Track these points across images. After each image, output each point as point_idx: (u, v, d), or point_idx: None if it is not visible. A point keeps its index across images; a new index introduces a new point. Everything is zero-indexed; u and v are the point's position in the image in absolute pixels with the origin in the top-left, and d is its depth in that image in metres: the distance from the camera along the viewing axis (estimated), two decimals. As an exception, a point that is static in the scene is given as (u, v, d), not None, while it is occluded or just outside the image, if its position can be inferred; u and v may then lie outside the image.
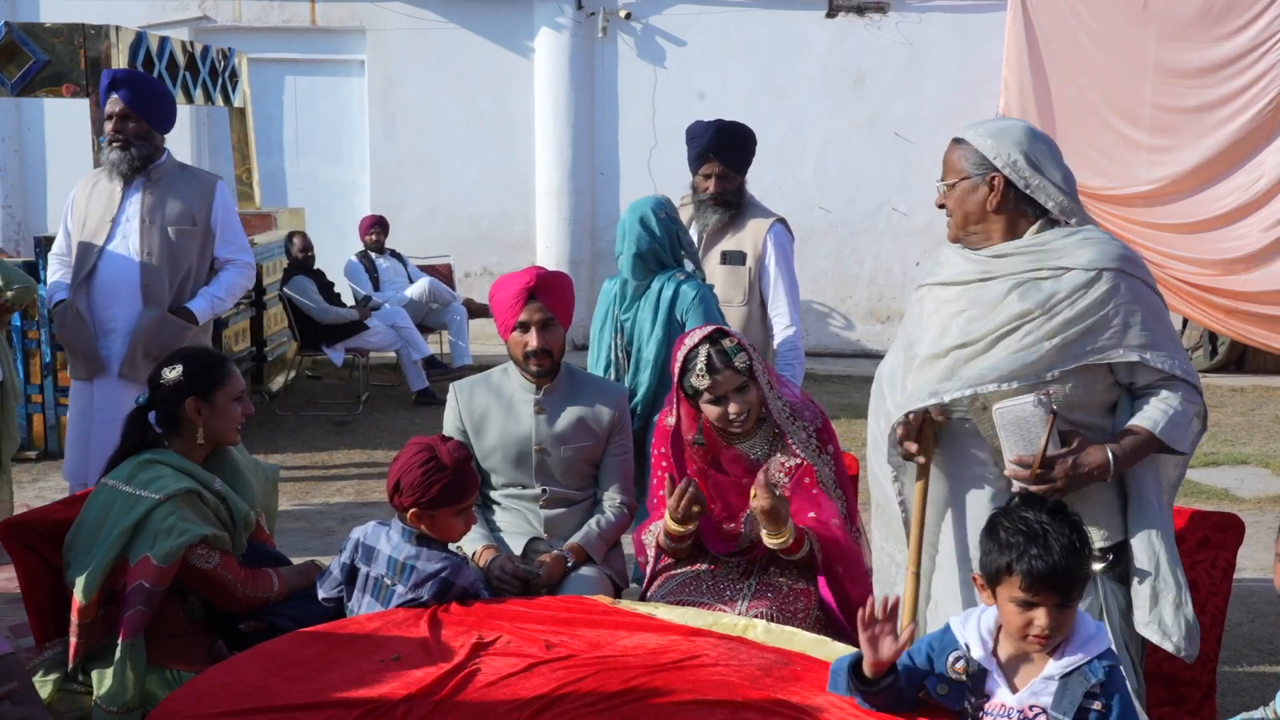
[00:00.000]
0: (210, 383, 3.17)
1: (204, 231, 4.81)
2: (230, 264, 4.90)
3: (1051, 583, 2.23)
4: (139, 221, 4.71)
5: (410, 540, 3.01)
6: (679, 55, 10.99)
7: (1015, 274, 2.85)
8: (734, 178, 4.79)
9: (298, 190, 11.32)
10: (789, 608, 3.30)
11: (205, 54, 8.30)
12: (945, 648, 2.38)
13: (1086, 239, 2.87)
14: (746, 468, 3.46)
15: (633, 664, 2.58)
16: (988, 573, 2.33)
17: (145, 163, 4.72)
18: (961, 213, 2.95)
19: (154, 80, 4.85)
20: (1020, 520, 2.31)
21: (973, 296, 2.89)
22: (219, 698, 2.37)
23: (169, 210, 4.73)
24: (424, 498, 2.98)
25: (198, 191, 4.79)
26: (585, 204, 11.01)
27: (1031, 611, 2.25)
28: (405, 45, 10.96)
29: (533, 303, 3.66)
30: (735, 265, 4.76)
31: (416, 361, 8.86)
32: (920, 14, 10.83)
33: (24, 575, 3.10)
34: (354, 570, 3.10)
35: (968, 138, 2.95)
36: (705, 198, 4.79)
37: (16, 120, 11.06)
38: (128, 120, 4.66)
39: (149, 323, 4.65)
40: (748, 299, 4.78)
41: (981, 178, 2.91)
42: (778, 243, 4.78)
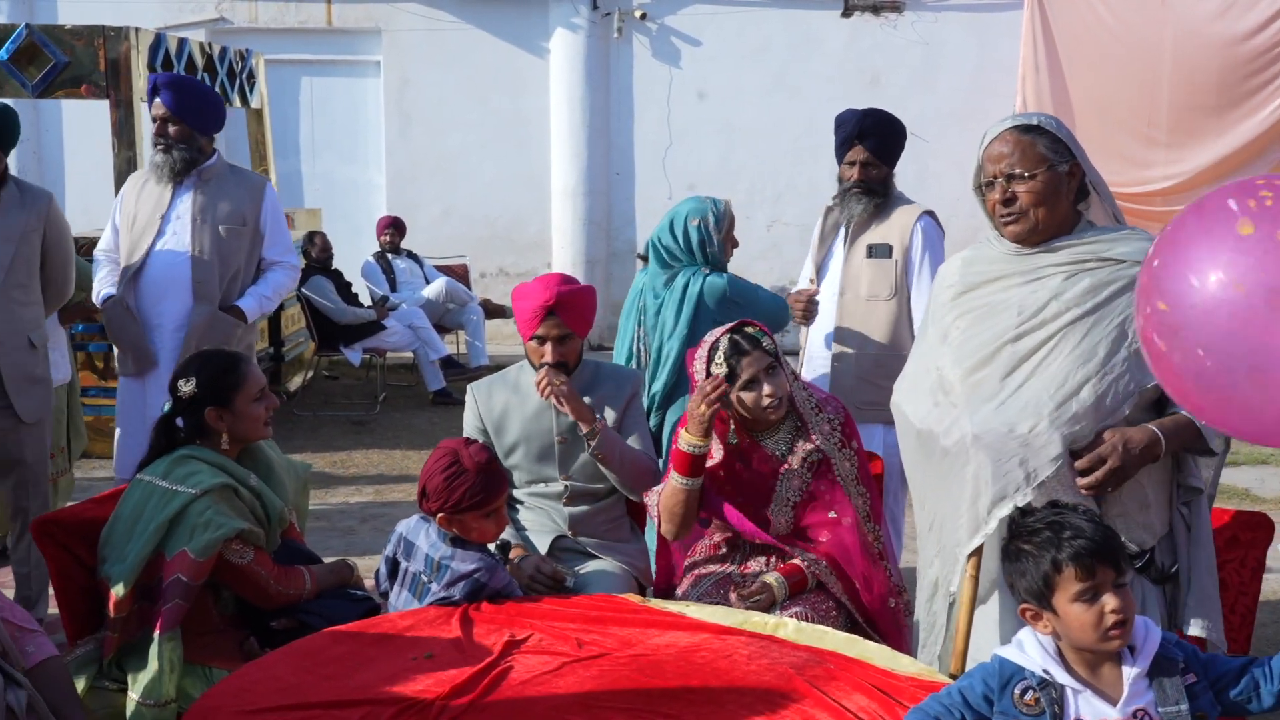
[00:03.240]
0: (226, 389, 3.19)
1: (253, 231, 4.85)
2: (277, 265, 4.93)
3: (1102, 554, 2.13)
4: (190, 220, 4.75)
5: (446, 540, 3.02)
6: (694, 55, 11.00)
7: (1066, 265, 2.80)
8: (880, 166, 4.45)
9: (314, 191, 11.35)
10: (820, 606, 3.30)
11: (223, 55, 8.33)
12: (1006, 682, 2.20)
13: (1135, 233, 2.86)
14: (771, 467, 3.46)
15: (665, 663, 2.58)
16: (1035, 590, 2.18)
17: (189, 165, 4.75)
18: (1044, 205, 2.81)
19: (198, 84, 4.88)
20: (1032, 526, 2.23)
21: (1023, 296, 2.82)
22: (255, 694, 2.39)
23: (220, 209, 4.77)
24: (449, 503, 2.99)
25: (248, 192, 4.83)
26: (601, 204, 11.02)
27: (1100, 600, 2.11)
28: (421, 46, 10.98)
29: (551, 319, 3.67)
30: (881, 258, 4.46)
31: (433, 361, 8.88)
32: (936, 13, 10.82)
33: (56, 573, 3.12)
34: (396, 564, 3.12)
35: (1041, 124, 2.84)
36: (850, 186, 4.49)
37: (35, 122, 11.10)
38: (170, 124, 4.70)
39: (201, 320, 4.70)
40: (895, 293, 4.43)
41: (1066, 165, 2.81)
42: (926, 235, 4.43)
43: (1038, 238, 2.85)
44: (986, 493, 2.75)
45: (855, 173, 4.46)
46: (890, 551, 3.58)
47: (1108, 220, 2.97)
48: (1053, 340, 2.79)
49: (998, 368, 2.83)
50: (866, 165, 4.44)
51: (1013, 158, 2.82)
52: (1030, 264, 2.87)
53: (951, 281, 3.03)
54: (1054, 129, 2.86)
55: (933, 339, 3.03)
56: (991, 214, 2.93)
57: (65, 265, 4.56)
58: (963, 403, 2.83)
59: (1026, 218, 2.83)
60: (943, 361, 2.95)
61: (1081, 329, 2.77)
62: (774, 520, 3.43)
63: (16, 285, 4.32)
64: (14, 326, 4.31)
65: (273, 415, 3.30)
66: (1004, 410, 2.76)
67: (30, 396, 4.36)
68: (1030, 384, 2.77)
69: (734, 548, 3.55)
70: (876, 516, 3.55)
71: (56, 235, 4.45)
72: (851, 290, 4.48)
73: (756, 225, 11.10)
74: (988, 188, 2.91)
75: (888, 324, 4.43)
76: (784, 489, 3.42)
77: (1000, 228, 2.92)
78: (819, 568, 3.34)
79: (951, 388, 2.88)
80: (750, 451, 3.48)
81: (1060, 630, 2.17)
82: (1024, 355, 2.81)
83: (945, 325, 2.99)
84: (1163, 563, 2.85)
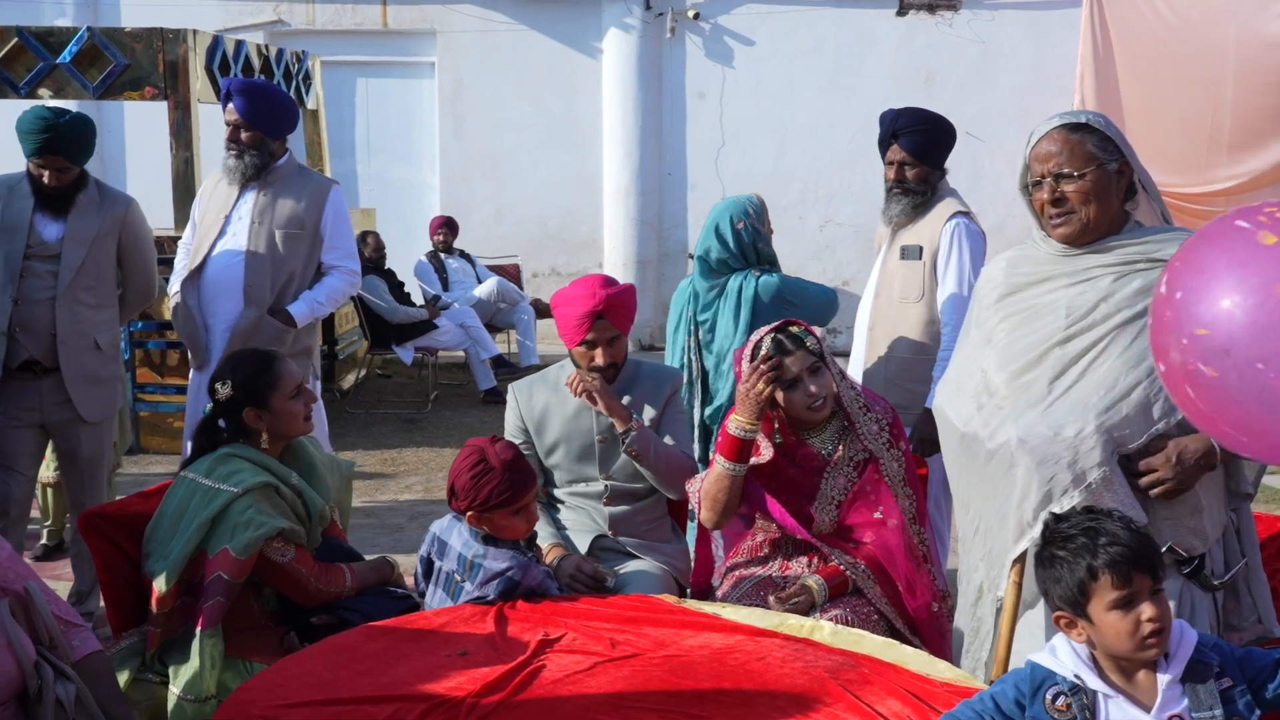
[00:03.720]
0: (261, 390, 3.21)
1: (312, 236, 4.81)
2: (335, 270, 4.90)
3: (1139, 562, 2.08)
4: (249, 222, 4.76)
5: (478, 538, 3.03)
6: (747, 55, 10.97)
7: (1115, 266, 2.75)
8: (918, 166, 4.36)
9: (369, 191, 11.46)
10: (861, 610, 3.28)
11: (280, 57, 8.43)
12: (1038, 687, 2.17)
13: (1184, 233, 2.80)
14: (816, 465, 3.44)
15: (698, 664, 2.57)
16: (1070, 599, 2.13)
17: (260, 170, 4.76)
18: (1093, 205, 2.76)
19: (269, 89, 4.87)
20: (1067, 532, 2.18)
21: (1071, 298, 2.78)
22: (289, 689, 2.41)
23: (279, 213, 4.76)
24: (477, 500, 2.99)
25: (311, 196, 4.81)
26: (652, 204, 11.03)
27: (1136, 607, 2.07)
28: (475, 47, 11.05)
29: (599, 323, 3.67)
30: (912, 260, 4.40)
31: (484, 360, 8.93)
32: (993, 11, 10.71)
33: (102, 566, 3.17)
34: (431, 563, 3.13)
35: (1090, 122, 2.79)
36: (889, 186, 4.44)
37: (97, 123, 11.26)
38: (241, 129, 4.72)
39: (247, 323, 4.71)
40: (923, 295, 4.35)
41: (1115, 164, 2.76)
42: (955, 237, 4.31)
43: (1086, 238, 2.80)
44: (1032, 497, 2.71)
45: (892, 173, 4.41)
46: (934, 555, 3.54)
47: (1155, 220, 2.92)
48: (1102, 343, 2.74)
49: (1045, 370, 2.78)
50: (903, 165, 4.38)
51: (1061, 157, 2.77)
52: (1078, 265, 2.82)
53: (996, 283, 2.99)
54: (1103, 127, 2.81)
55: (976, 341, 2.98)
56: (1039, 214, 2.88)
57: (144, 270, 4.61)
58: (1008, 406, 2.79)
59: (1076, 218, 2.78)
60: (987, 364, 2.90)
61: (1131, 331, 2.72)
62: (817, 517, 3.41)
63: (85, 287, 4.39)
64: (79, 327, 4.38)
65: (311, 409, 3.32)
66: (1050, 413, 2.72)
67: (92, 397, 4.42)
68: (1078, 387, 2.72)
69: (776, 549, 3.53)
70: (921, 519, 3.51)
71: (133, 240, 4.50)
72: (886, 292, 4.43)
73: (809, 225, 11.06)
74: (1035, 187, 2.86)
75: (917, 327, 4.36)
76: (829, 487, 3.40)
77: (1048, 228, 2.86)
78: (858, 572, 3.31)
79: (996, 390, 2.84)
80: (796, 449, 3.46)
81: (1095, 638, 2.13)
82: (1072, 358, 2.76)
83: (990, 327, 2.95)
84: (1212, 569, 2.79)
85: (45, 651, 2.38)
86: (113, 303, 4.54)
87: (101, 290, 4.47)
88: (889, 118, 4.43)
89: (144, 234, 4.59)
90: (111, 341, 4.51)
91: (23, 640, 2.33)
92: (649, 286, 10.89)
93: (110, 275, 4.50)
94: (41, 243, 4.36)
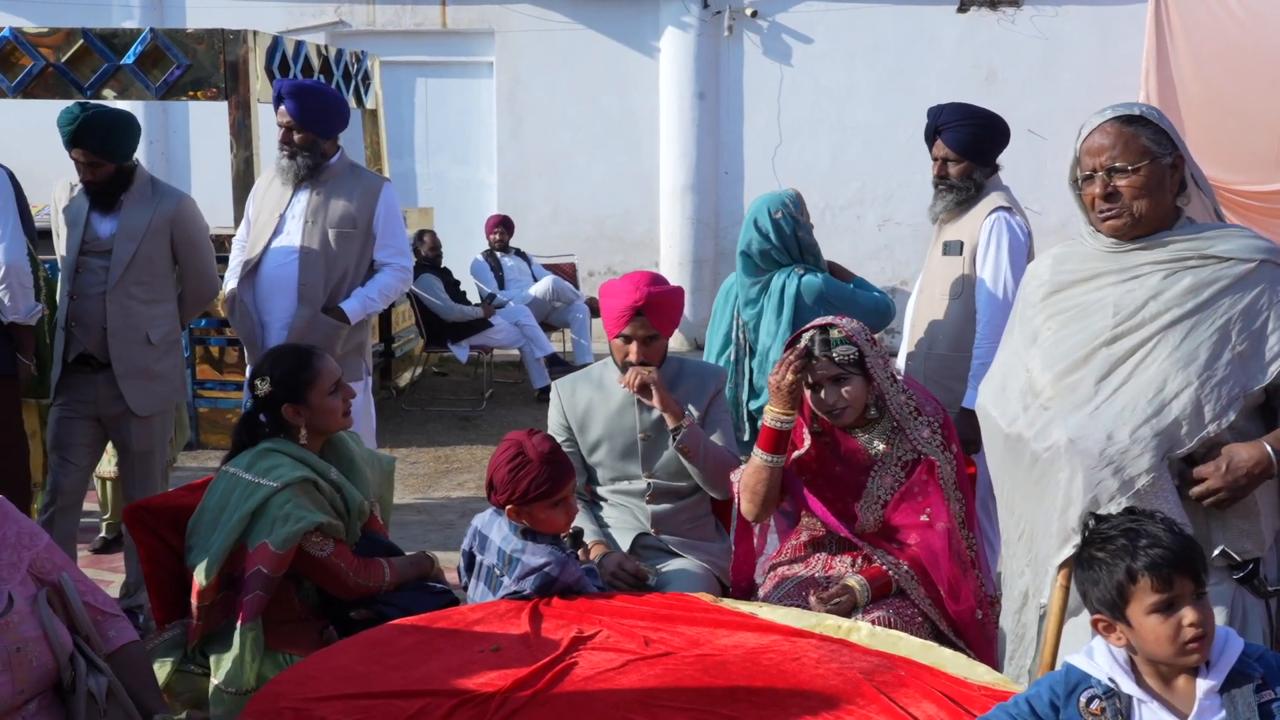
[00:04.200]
0: (300, 386, 3.24)
1: (364, 234, 4.85)
2: (387, 267, 4.93)
3: (1180, 564, 2.01)
4: (302, 221, 4.80)
5: (517, 532, 3.03)
6: (805, 53, 10.90)
7: (1165, 263, 2.68)
8: (961, 161, 4.31)
9: (427, 190, 11.55)
10: (904, 612, 3.23)
11: (339, 57, 8.51)
12: (1072, 689, 2.12)
13: (1238, 230, 2.73)
14: (863, 464, 3.40)
15: (731, 664, 2.55)
16: (1108, 601, 2.07)
17: (312, 170, 4.80)
18: (1146, 200, 2.68)
19: (321, 89, 4.90)
20: (1107, 533, 2.12)
21: (1119, 296, 2.72)
22: (320, 682, 2.42)
23: (331, 212, 4.80)
24: (515, 494, 2.99)
25: (362, 194, 4.84)
26: (709, 203, 11.00)
27: (1177, 612, 2.00)
28: (533, 47, 11.09)
29: (638, 319, 3.66)
30: (953, 256, 4.33)
31: (539, 359, 8.95)
32: (1056, 6, 10.55)
33: (146, 558, 3.21)
34: (473, 558, 3.14)
35: (1144, 114, 2.72)
36: (934, 182, 4.40)
37: (164, 124, 11.50)
38: (294, 131, 4.76)
39: (302, 321, 4.75)
40: (962, 292, 4.29)
41: (1169, 158, 2.69)
42: (994, 231, 4.23)
43: (1137, 233, 2.73)
44: (1078, 501, 2.65)
45: (936, 168, 4.37)
46: (983, 560, 3.48)
47: (1208, 216, 2.84)
48: (1151, 342, 2.67)
49: (1092, 371, 2.72)
50: (946, 160, 4.34)
51: (1114, 150, 2.71)
52: (1127, 261, 2.75)
53: (1042, 280, 2.92)
54: (1156, 119, 2.74)
55: (1021, 340, 2.92)
56: (1089, 209, 2.82)
57: (200, 268, 4.63)
58: (1054, 407, 2.73)
59: (1128, 213, 2.71)
60: (1032, 364, 2.84)
61: (1181, 330, 2.65)
62: (861, 516, 3.37)
63: (136, 282, 4.44)
64: (130, 322, 4.43)
65: (350, 404, 3.34)
66: (1099, 416, 2.65)
67: (143, 391, 4.48)
68: (1126, 388, 2.66)
69: (818, 546, 3.50)
70: (970, 523, 3.46)
71: (186, 238, 4.53)
72: (929, 289, 4.39)
73: (868, 224, 10.97)
74: (1085, 181, 2.80)
75: (957, 323, 4.30)
76: (875, 485, 3.37)
77: (1098, 223, 2.80)
78: (901, 573, 3.27)
79: (1041, 391, 2.78)
80: (842, 444, 3.42)
81: (1134, 642, 2.07)
82: (1120, 358, 2.69)
83: (1035, 326, 2.89)
84: (1265, 575, 2.71)
85: (81, 643, 2.41)
86: (167, 298, 4.58)
87: (155, 286, 4.51)
88: (933, 113, 4.39)
89: (197, 231, 4.61)
90: (165, 337, 4.55)
91: (59, 631, 2.36)
92: (704, 286, 10.86)
93: (165, 271, 4.54)
94: (96, 238, 4.43)
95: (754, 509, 3.43)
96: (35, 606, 2.34)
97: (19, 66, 7.07)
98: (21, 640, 2.29)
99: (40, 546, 2.43)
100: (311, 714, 2.26)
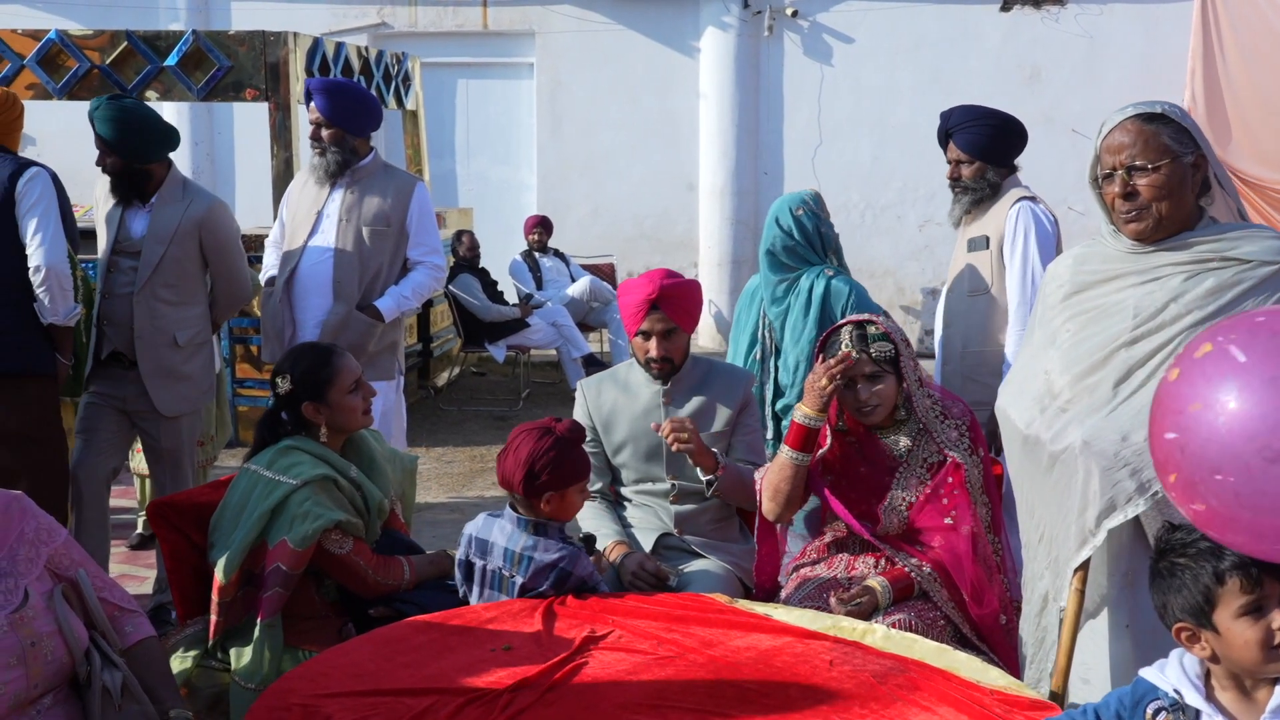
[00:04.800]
0: (319, 384, 3.25)
1: (398, 232, 4.90)
2: (420, 265, 4.98)
3: (1268, 565, 1.93)
4: (336, 220, 4.86)
5: (526, 530, 3.02)
6: (846, 53, 10.84)
7: (1187, 265, 2.64)
8: (973, 163, 4.35)
9: (468, 191, 11.60)
10: (926, 615, 3.20)
11: (379, 59, 8.57)
12: (1139, 700, 2.06)
13: (1262, 230, 2.68)
14: (888, 465, 3.38)
15: (743, 665, 2.54)
16: (1193, 607, 1.97)
17: (343, 167, 4.86)
18: (1167, 200, 2.64)
19: (351, 87, 4.95)
20: (1185, 539, 2.03)
21: (1139, 298, 2.67)
22: (331, 678, 2.43)
23: (365, 210, 4.85)
24: (560, 474, 2.97)
25: (395, 193, 4.89)
26: (748, 204, 10.97)
27: (1266, 615, 1.92)
28: (573, 47, 11.11)
29: (654, 313, 3.64)
30: (978, 250, 4.37)
31: (576, 359, 8.96)
32: (1101, 4, 10.42)
33: (169, 554, 3.25)
34: (471, 566, 3.11)
35: (1166, 112, 2.68)
36: (950, 184, 4.46)
37: (209, 125, 11.64)
38: (324, 128, 4.82)
39: (336, 319, 4.80)
40: (990, 286, 4.31)
41: (1191, 157, 2.65)
42: (1020, 221, 4.24)
43: (1158, 234, 2.69)
44: (1095, 503, 2.61)
45: (950, 171, 4.43)
46: (1010, 564, 3.44)
47: (1231, 217, 2.80)
48: (1171, 345, 2.62)
49: (1110, 373, 2.68)
50: (959, 163, 4.39)
51: (1135, 148, 2.66)
52: (1148, 263, 2.71)
53: (1062, 281, 2.89)
54: (1179, 118, 2.70)
55: (1040, 341, 2.89)
56: (1110, 209, 2.78)
57: (230, 272, 4.64)
58: (1072, 409, 2.70)
59: (1148, 213, 2.67)
60: (1051, 365, 2.81)
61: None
62: (884, 519, 3.34)
63: (164, 284, 4.47)
64: (157, 323, 4.47)
65: (370, 403, 3.35)
66: (1115, 417, 2.62)
67: (169, 391, 4.51)
68: (1145, 390, 2.61)
69: (842, 548, 3.47)
70: (997, 527, 3.42)
71: (215, 242, 4.54)
72: (957, 288, 4.41)
73: (908, 225, 10.89)
74: (1105, 180, 2.76)
75: (987, 319, 4.30)
76: (899, 489, 3.34)
77: (1119, 224, 2.76)
78: (923, 575, 3.24)
79: (1060, 393, 2.75)
80: (868, 447, 3.40)
81: (1220, 651, 1.97)
82: (1139, 361, 2.65)
83: (1054, 327, 2.85)
84: None
85: (97, 638, 2.43)
86: (196, 301, 4.60)
87: (184, 288, 4.53)
88: (943, 116, 4.43)
89: (227, 235, 4.62)
90: (193, 339, 4.56)
91: (75, 626, 2.39)
92: (743, 286, 10.81)
93: (194, 274, 4.57)
94: (128, 238, 4.48)
95: (776, 508, 3.42)
96: (51, 602, 2.37)
97: (65, 68, 7.18)
98: (37, 635, 2.32)
99: (58, 542, 2.47)
100: (319, 710, 2.28)
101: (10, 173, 4.13)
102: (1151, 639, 2.65)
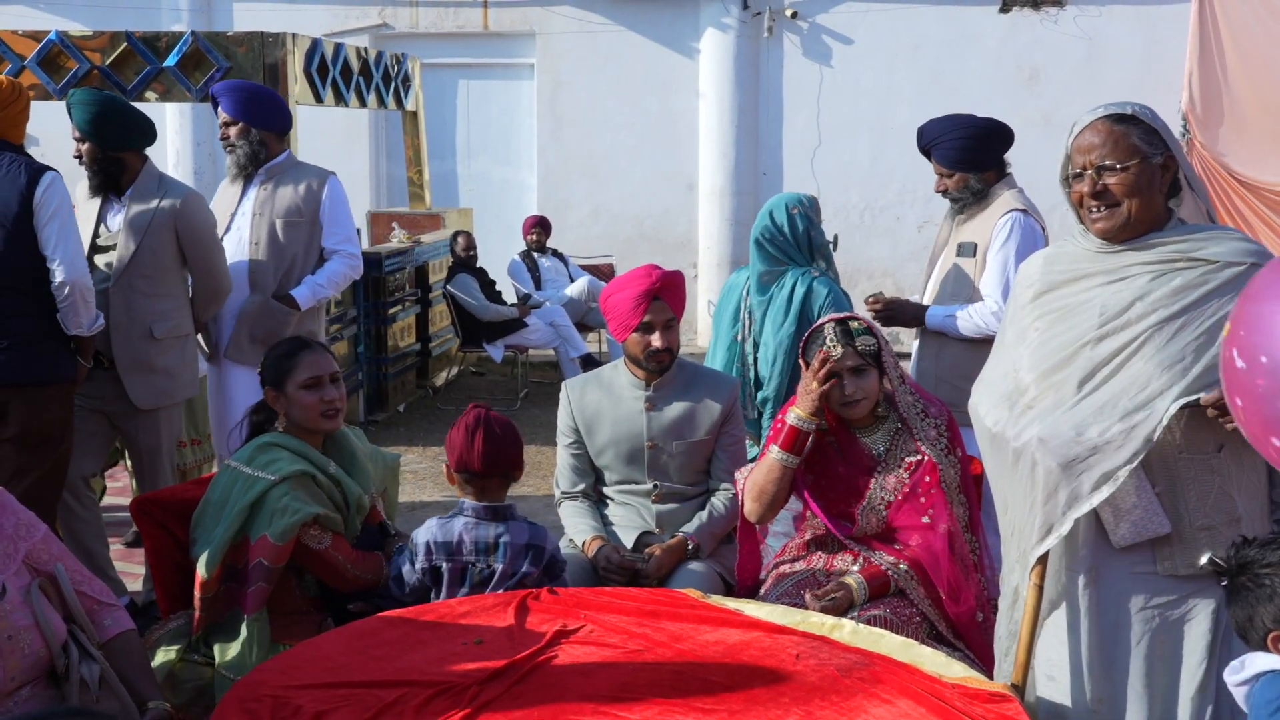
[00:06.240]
0: (280, 373, 3.31)
1: (311, 223, 5.03)
2: (336, 254, 5.11)
3: None
4: (251, 215, 5.00)
5: (489, 518, 3.09)
6: (845, 54, 10.86)
7: (1153, 265, 2.66)
8: (954, 175, 4.41)
9: (468, 191, 11.65)
10: (902, 612, 3.24)
11: (379, 60, 8.62)
12: None
13: (1228, 232, 2.71)
14: (867, 465, 3.41)
15: (710, 659, 2.57)
16: None
17: (253, 159, 4.99)
18: (1138, 199, 2.66)
19: (253, 86, 5.15)
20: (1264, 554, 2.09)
21: (1106, 297, 2.70)
22: (301, 671, 2.47)
23: (279, 203, 4.99)
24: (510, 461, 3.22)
25: (308, 186, 5.03)
26: (748, 204, 10.99)
27: None
28: (573, 48, 11.15)
29: (657, 303, 3.69)
30: (966, 257, 4.42)
31: (574, 359, 8.99)
32: (1100, 6, 10.43)
33: (152, 550, 3.29)
34: (437, 572, 3.11)
35: (1136, 113, 2.71)
36: (941, 194, 4.53)
37: (211, 126, 11.68)
38: (229, 126, 4.99)
39: (253, 307, 4.93)
40: (973, 293, 4.38)
41: (1160, 158, 2.68)
42: (1008, 230, 4.31)
43: (1127, 234, 2.72)
44: (1058, 497, 2.65)
45: (936, 184, 4.50)
46: (989, 563, 3.47)
47: (1200, 218, 2.83)
48: (1135, 343, 2.65)
49: (1075, 371, 2.71)
50: (941, 177, 4.46)
51: (1104, 148, 2.69)
52: (1115, 262, 2.74)
53: (1032, 280, 2.92)
54: (1149, 119, 2.73)
55: (1011, 340, 2.92)
56: (1078, 208, 2.81)
57: (206, 265, 4.69)
58: (1037, 406, 2.73)
59: (1117, 212, 2.69)
60: (1020, 364, 2.84)
61: (1168, 332, 2.63)
62: (861, 519, 3.38)
63: (141, 276, 4.52)
64: (133, 315, 4.51)
65: (336, 411, 3.34)
66: (1075, 413, 2.65)
67: (144, 384, 4.53)
68: (1106, 387, 2.64)
69: (820, 546, 3.51)
70: (974, 526, 3.45)
71: (191, 235, 4.60)
72: (942, 291, 4.44)
73: (907, 227, 10.91)
74: (1075, 179, 2.79)
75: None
76: (878, 488, 3.37)
77: (1087, 222, 2.79)
78: (899, 572, 3.27)
79: (1026, 390, 2.78)
80: (847, 446, 3.43)
81: None
82: (1104, 359, 2.68)
83: (1023, 326, 2.88)
84: None
85: (76, 631, 2.48)
86: (173, 294, 4.64)
87: (160, 280, 4.57)
88: (919, 134, 4.50)
89: (203, 227, 4.67)
90: (170, 332, 4.59)
91: (52, 620, 2.43)
92: (743, 286, 10.85)
93: (171, 266, 4.62)
94: (107, 232, 4.56)
95: (760, 509, 3.45)
96: (28, 596, 2.41)
97: (65, 69, 7.24)
98: (13, 628, 2.36)
99: (37, 538, 2.51)
100: (290, 702, 2.31)
101: (28, 179, 4.09)
102: (1114, 634, 2.69)
